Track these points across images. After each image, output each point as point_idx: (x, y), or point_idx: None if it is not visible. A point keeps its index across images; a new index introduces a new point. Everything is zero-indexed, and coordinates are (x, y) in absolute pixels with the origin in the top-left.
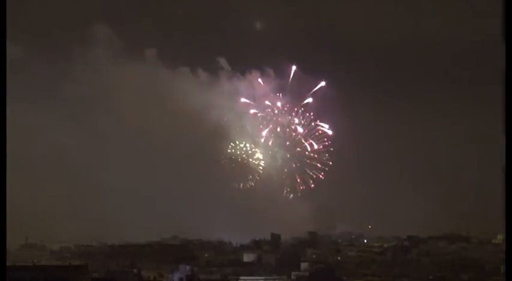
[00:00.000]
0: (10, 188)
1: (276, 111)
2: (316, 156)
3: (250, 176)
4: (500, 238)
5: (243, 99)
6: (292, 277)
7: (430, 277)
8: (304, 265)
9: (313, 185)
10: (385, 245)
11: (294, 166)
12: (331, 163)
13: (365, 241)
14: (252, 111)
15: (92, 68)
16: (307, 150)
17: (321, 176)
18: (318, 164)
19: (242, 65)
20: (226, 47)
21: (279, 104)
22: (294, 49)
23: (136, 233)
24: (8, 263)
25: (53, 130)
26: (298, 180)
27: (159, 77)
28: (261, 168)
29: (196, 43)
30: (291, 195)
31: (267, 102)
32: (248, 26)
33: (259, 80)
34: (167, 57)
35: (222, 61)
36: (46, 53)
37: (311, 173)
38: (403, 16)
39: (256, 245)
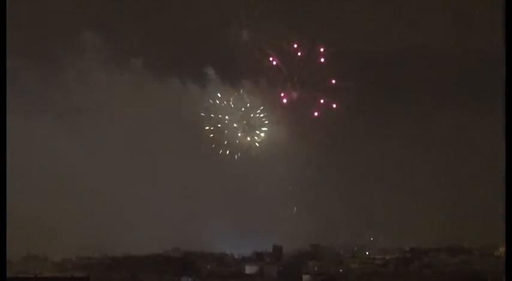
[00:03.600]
0: (10, 199)
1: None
2: None
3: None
4: (502, 250)
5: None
6: None
7: None
8: (306, 277)
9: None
10: (388, 257)
11: None
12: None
13: (367, 253)
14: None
15: (82, 78)
16: None
17: None
18: None
19: (232, 76)
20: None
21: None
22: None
23: (138, 245)
24: (10, 275)
25: (48, 140)
26: None
27: (149, 86)
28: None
29: (186, 54)
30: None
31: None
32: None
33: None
34: (157, 66)
35: (211, 72)
36: (35, 63)
37: None
38: (401, 28)
39: (258, 257)
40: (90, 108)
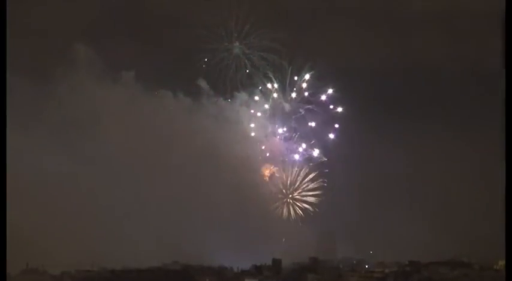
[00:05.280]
0: (8, 213)
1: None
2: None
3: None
4: (501, 264)
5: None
6: None
7: None
8: None
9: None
10: (387, 270)
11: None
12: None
13: (366, 266)
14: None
15: (74, 91)
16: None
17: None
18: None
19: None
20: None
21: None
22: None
23: (137, 258)
24: None
25: (43, 153)
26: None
27: (141, 99)
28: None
29: (177, 67)
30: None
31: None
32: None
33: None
34: (149, 79)
35: (203, 84)
36: (29, 76)
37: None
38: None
39: (257, 270)
40: (83, 120)
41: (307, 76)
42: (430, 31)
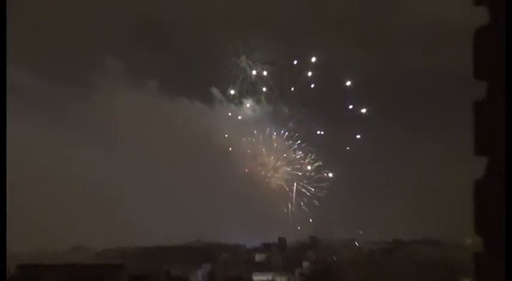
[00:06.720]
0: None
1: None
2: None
3: None
4: (468, 242)
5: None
6: (295, 274)
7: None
8: (305, 264)
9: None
10: (374, 247)
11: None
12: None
13: (357, 244)
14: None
15: (106, 96)
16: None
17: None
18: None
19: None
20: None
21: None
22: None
23: (167, 238)
24: (58, 262)
25: (81, 148)
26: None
27: (163, 103)
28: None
29: (193, 77)
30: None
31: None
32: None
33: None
34: (169, 87)
35: (215, 91)
36: (66, 84)
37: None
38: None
39: (265, 247)
40: (114, 120)
41: (302, 84)
42: (412, 42)
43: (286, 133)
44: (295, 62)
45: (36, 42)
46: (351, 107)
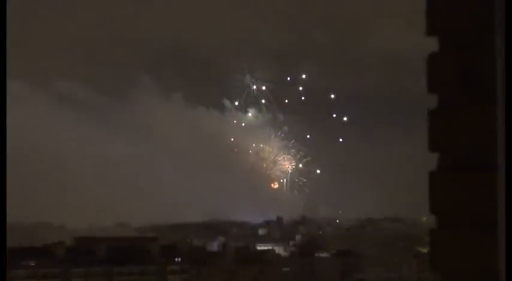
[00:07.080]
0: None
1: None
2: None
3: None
4: (425, 219)
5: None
6: (290, 244)
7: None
8: (298, 237)
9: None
10: (350, 223)
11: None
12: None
13: (337, 221)
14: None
15: (139, 106)
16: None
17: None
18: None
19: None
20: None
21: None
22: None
23: (188, 217)
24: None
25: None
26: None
27: (185, 112)
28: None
29: (209, 91)
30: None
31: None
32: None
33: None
34: (191, 99)
35: (227, 103)
36: (107, 94)
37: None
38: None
39: (267, 224)
40: (147, 126)
41: (294, 97)
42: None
43: (282, 135)
44: (289, 78)
45: (88, 62)
46: (334, 115)
